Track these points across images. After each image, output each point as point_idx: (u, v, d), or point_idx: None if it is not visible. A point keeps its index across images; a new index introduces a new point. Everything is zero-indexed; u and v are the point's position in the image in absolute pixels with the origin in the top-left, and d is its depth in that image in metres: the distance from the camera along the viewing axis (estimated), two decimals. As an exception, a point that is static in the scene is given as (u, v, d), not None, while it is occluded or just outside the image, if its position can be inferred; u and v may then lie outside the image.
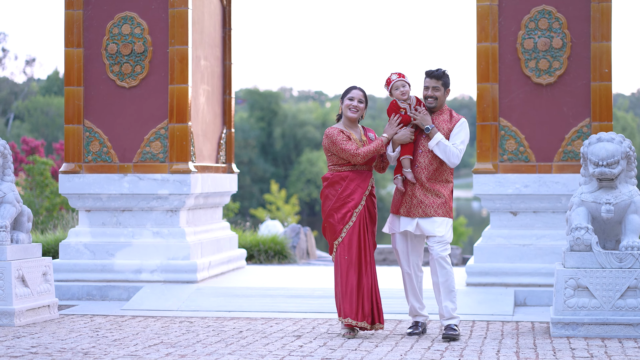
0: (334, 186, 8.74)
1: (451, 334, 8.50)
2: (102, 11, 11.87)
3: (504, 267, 11.15)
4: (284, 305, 10.56)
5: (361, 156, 8.62)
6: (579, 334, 8.70)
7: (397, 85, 8.77)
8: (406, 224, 8.75)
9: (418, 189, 8.68)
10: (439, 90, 8.76)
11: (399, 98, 8.78)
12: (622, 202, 8.93)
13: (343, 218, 8.64)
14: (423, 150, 8.71)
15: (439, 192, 8.67)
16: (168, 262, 11.66)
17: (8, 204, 9.68)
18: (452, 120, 8.78)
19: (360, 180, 8.73)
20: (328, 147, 8.74)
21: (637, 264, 8.76)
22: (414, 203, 8.67)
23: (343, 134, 8.71)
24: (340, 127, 8.79)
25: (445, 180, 8.75)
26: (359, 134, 8.85)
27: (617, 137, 8.97)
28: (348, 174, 8.72)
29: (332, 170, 8.79)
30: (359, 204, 8.67)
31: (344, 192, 8.68)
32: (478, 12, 11.26)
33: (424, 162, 8.69)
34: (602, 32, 11.07)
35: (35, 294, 9.76)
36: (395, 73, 8.84)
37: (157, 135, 11.78)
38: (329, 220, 8.71)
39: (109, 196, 11.85)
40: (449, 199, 8.73)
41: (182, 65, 11.69)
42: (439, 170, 8.70)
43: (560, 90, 11.15)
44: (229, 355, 7.67)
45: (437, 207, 8.64)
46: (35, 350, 7.85)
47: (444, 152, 8.62)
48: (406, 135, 8.69)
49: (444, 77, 8.74)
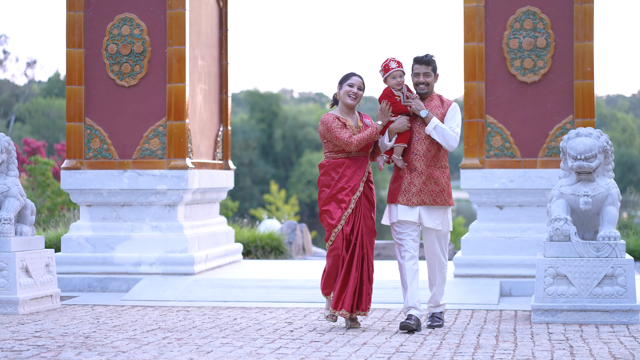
0: (331, 173, 8.73)
1: (435, 324, 8.79)
2: (102, 13, 12.27)
3: (490, 259, 11.54)
4: (277, 296, 10.95)
5: (354, 144, 8.59)
6: (558, 320, 9.10)
7: (394, 74, 8.73)
8: (406, 213, 8.70)
9: (416, 176, 8.67)
10: (430, 75, 8.79)
11: (393, 87, 8.75)
12: (600, 194, 9.33)
13: (341, 205, 8.64)
14: (419, 138, 8.71)
15: (437, 178, 8.68)
16: (166, 255, 12.06)
17: (12, 197, 10.08)
18: (443, 105, 8.83)
19: (356, 166, 8.71)
20: (324, 134, 8.72)
21: (614, 254, 9.16)
22: (413, 191, 8.65)
23: (339, 121, 8.69)
24: (336, 114, 8.77)
25: (444, 166, 8.77)
26: (355, 120, 8.83)
27: (595, 132, 9.37)
28: (344, 160, 8.71)
29: (329, 157, 8.78)
30: (357, 191, 8.65)
31: (341, 180, 8.66)
32: (465, 13, 11.65)
33: (421, 149, 8.70)
34: (585, 32, 11.46)
35: (39, 284, 10.15)
36: (394, 60, 8.77)
37: (156, 132, 12.18)
38: (326, 208, 8.69)
39: (109, 191, 12.25)
40: (446, 186, 8.73)
41: (179, 65, 12.09)
42: (437, 156, 8.72)
43: (545, 89, 11.54)
44: (222, 339, 8.07)
45: (436, 195, 8.66)
46: (39, 334, 8.26)
47: (442, 135, 8.64)
48: (403, 123, 8.65)
49: (432, 62, 8.79)
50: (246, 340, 7.99)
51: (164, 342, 7.85)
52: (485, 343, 7.87)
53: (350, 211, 8.63)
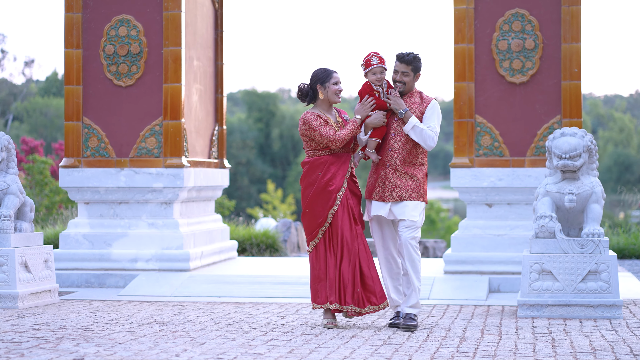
0: (314, 171, 8.70)
1: (409, 324, 8.51)
2: (99, 14, 12.52)
3: (479, 255, 11.79)
4: (271, 292, 11.19)
5: (339, 141, 8.58)
6: (543, 314, 9.35)
7: (375, 70, 8.71)
8: (379, 208, 8.72)
9: (391, 172, 8.64)
10: (408, 75, 8.72)
11: (373, 82, 8.74)
12: (584, 192, 9.58)
13: (327, 203, 8.61)
14: (396, 134, 8.67)
15: (413, 175, 8.64)
16: (162, 251, 12.31)
17: (12, 194, 10.33)
18: (423, 103, 8.77)
19: (339, 163, 8.70)
20: (305, 132, 8.66)
21: (598, 250, 9.42)
22: (388, 187, 8.64)
23: (320, 119, 8.65)
24: (316, 112, 8.72)
25: (419, 163, 8.72)
26: (334, 117, 8.83)
27: (580, 132, 9.63)
28: (327, 158, 8.69)
29: (311, 155, 8.75)
30: (342, 187, 8.63)
31: (325, 176, 8.64)
32: (455, 15, 11.91)
33: (397, 145, 8.66)
34: (572, 34, 11.72)
35: (37, 279, 10.40)
36: (376, 56, 8.74)
37: (152, 131, 12.42)
38: (312, 206, 8.66)
39: (106, 189, 12.50)
40: (423, 182, 8.70)
41: (175, 65, 12.33)
42: (413, 153, 8.67)
43: (533, 89, 11.79)
44: (216, 331, 8.32)
45: (411, 190, 8.62)
46: (38, 327, 8.51)
47: (420, 135, 8.60)
48: (379, 119, 8.65)
49: (414, 61, 8.71)
50: (239, 333, 8.25)
51: (159, 335, 8.10)
52: (471, 336, 8.12)
53: (336, 208, 8.61)
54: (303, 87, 8.85)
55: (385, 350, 7.38)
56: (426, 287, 11.12)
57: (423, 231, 42.65)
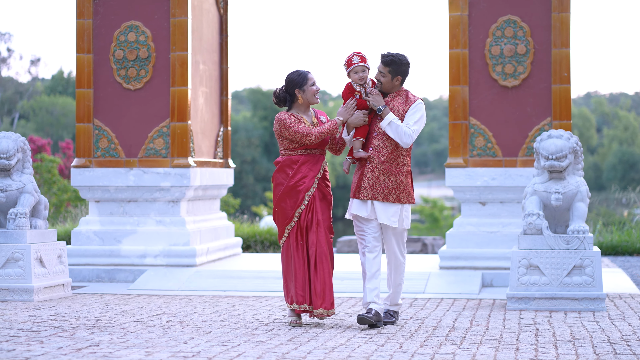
0: (285, 170, 8.70)
1: (387, 320, 8.76)
2: (109, 20, 13.07)
3: (473, 252, 12.31)
4: (274, 286, 11.71)
5: (314, 136, 8.57)
6: (530, 307, 9.89)
7: (357, 69, 8.68)
8: (358, 207, 8.68)
9: (371, 170, 8.61)
10: (385, 76, 8.67)
11: (355, 81, 8.71)
12: (570, 191, 10.11)
13: (295, 202, 8.62)
14: (378, 133, 8.64)
15: (392, 174, 8.59)
16: (170, 247, 12.86)
17: (27, 193, 10.88)
18: (407, 102, 8.72)
19: (311, 163, 8.69)
20: (280, 132, 8.65)
21: (582, 246, 9.95)
22: (365, 185, 8.60)
23: (294, 117, 8.65)
24: (291, 112, 8.73)
25: (401, 163, 8.66)
26: (310, 118, 8.82)
27: (565, 134, 10.16)
28: (299, 157, 8.68)
29: (284, 154, 8.74)
30: (311, 187, 8.62)
31: (295, 176, 8.64)
32: (450, 22, 12.43)
33: (378, 144, 8.62)
34: (562, 40, 12.23)
35: (52, 273, 10.95)
36: (357, 55, 8.71)
37: (160, 133, 12.97)
38: (280, 205, 8.68)
39: (116, 188, 13.05)
40: (401, 183, 8.63)
41: (182, 69, 12.88)
42: (394, 152, 8.62)
43: (524, 92, 12.31)
44: (221, 322, 8.87)
45: (387, 191, 8.59)
46: (54, 318, 9.07)
47: (395, 131, 8.54)
48: (359, 118, 8.65)
49: (392, 64, 8.64)
50: (242, 323, 8.79)
51: (168, 325, 8.65)
52: (460, 326, 8.67)
53: (303, 207, 8.62)
54: (279, 93, 8.83)
55: (379, 339, 7.91)
56: (421, 282, 11.65)
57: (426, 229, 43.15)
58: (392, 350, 7.37)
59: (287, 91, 8.77)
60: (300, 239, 8.63)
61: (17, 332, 8.11)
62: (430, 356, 7.13)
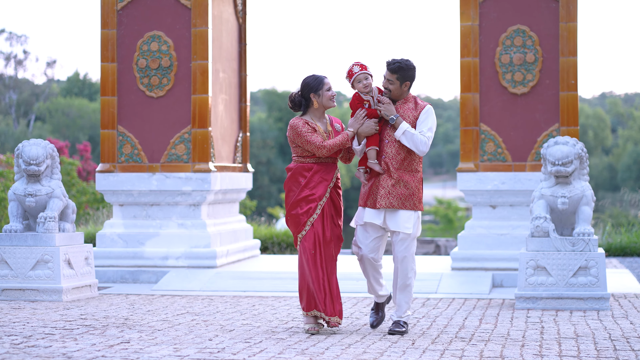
0: (298, 178, 8.61)
1: (397, 330, 8.57)
2: (133, 31, 13.55)
3: (484, 253, 12.75)
4: (292, 287, 12.14)
5: (327, 149, 8.51)
6: (537, 306, 10.33)
7: (359, 78, 8.61)
8: (372, 216, 8.57)
9: (385, 179, 8.51)
10: (393, 83, 8.58)
11: (361, 91, 8.63)
12: (576, 195, 10.55)
13: (307, 210, 8.52)
14: (389, 141, 8.55)
15: (407, 182, 8.51)
16: (191, 250, 13.34)
17: (56, 198, 11.37)
18: (417, 108, 8.63)
19: (324, 172, 8.61)
20: (293, 139, 8.58)
21: (588, 248, 10.39)
22: (382, 194, 8.49)
23: (308, 126, 8.57)
24: (305, 119, 8.63)
25: (414, 170, 8.59)
26: (325, 125, 8.74)
27: (571, 141, 10.60)
28: (312, 165, 8.60)
29: (297, 162, 8.66)
30: (324, 196, 8.55)
31: (308, 184, 8.56)
32: (461, 31, 12.87)
33: (391, 152, 8.53)
34: (569, 48, 12.66)
35: (79, 275, 11.44)
36: (357, 64, 8.64)
37: (182, 139, 13.45)
38: (292, 213, 8.59)
39: (139, 192, 13.54)
40: (416, 190, 8.57)
41: (203, 77, 13.35)
42: (407, 159, 8.55)
43: (533, 99, 12.74)
44: (242, 320, 9.35)
45: (404, 198, 8.51)
46: (84, 317, 9.57)
47: (411, 140, 8.46)
48: (370, 127, 8.55)
49: (399, 70, 8.54)
50: (263, 322, 9.27)
51: (192, 323, 9.14)
52: (470, 325, 9.12)
53: (316, 217, 8.54)
54: (295, 97, 8.72)
55: (392, 336, 8.37)
56: (434, 282, 12.10)
57: (440, 230, 43.51)
58: (404, 347, 7.83)
59: (302, 95, 8.68)
60: (312, 248, 8.49)
61: (51, 330, 8.61)
62: (441, 352, 7.59)
